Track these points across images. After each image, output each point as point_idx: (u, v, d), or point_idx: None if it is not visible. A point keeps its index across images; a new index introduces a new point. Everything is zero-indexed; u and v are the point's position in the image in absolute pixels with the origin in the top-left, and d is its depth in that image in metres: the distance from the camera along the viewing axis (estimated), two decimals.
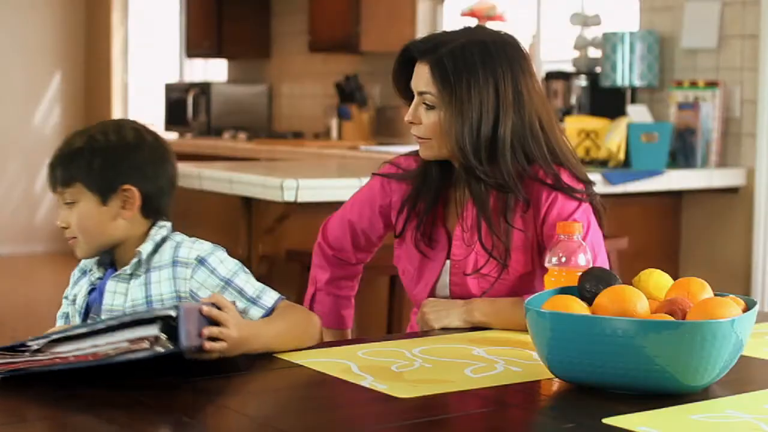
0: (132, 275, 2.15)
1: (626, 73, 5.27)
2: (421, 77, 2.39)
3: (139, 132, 2.18)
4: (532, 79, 2.41)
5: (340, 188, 3.88)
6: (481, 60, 2.35)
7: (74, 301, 2.22)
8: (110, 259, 2.20)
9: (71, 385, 1.79)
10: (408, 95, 2.46)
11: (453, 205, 2.47)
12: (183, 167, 4.59)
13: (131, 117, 9.90)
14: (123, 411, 1.69)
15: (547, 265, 2.13)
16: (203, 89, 8.33)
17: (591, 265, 2.09)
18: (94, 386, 1.78)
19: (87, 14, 10.25)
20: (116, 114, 9.93)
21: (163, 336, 1.79)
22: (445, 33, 2.44)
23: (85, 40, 10.28)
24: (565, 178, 2.40)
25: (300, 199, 3.83)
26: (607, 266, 2.33)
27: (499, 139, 2.35)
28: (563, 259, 2.10)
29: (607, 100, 5.46)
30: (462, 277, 2.43)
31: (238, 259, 2.16)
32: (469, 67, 2.34)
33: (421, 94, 2.39)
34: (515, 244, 2.40)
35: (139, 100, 9.99)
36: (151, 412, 1.70)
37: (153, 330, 1.79)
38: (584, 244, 2.12)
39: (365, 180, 2.39)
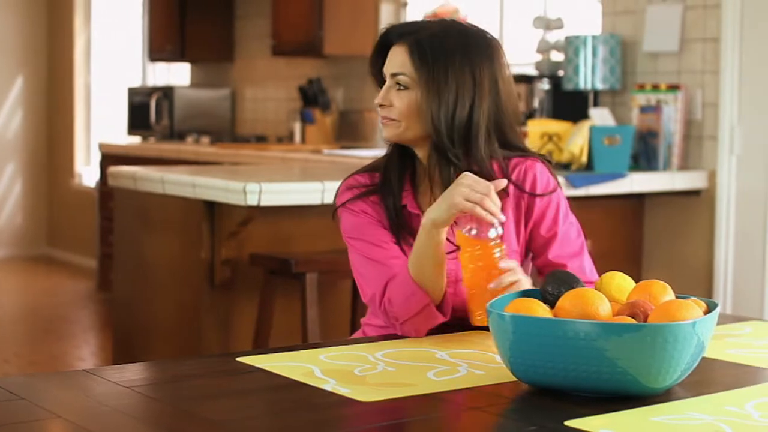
0: None
1: (588, 76, 5.29)
2: (397, 58, 2.40)
3: None
4: (507, 72, 2.45)
5: (303, 192, 3.87)
6: (459, 46, 2.38)
7: None
8: None
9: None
10: (382, 81, 2.47)
11: (427, 195, 2.47)
12: (146, 171, 4.57)
13: (94, 121, 9.90)
14: (87, 416, 1.68)
15: (463, 232, 2.19)
16: (166, 93, 8.29)
17: (502, 237, 2.19)
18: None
19: (49, 18, 10.19)
20: (78, 119, 9.88)
21: None
22: (424, 21, 2.48)
23: (47, 44, 10.22)
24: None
25: (263, 203, 3.82)
26: (580, 231, 2.58)
27: (473, 124, 2.37)
28: (473, 232, 2.17)
29: (569, 104, 5.48)
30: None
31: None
32: (447, 51, 2.37)
33: (394, 75, 2.40)
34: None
35: (102, 104, 9.94)
36: (110, 418, 1.69)
37: None
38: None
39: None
